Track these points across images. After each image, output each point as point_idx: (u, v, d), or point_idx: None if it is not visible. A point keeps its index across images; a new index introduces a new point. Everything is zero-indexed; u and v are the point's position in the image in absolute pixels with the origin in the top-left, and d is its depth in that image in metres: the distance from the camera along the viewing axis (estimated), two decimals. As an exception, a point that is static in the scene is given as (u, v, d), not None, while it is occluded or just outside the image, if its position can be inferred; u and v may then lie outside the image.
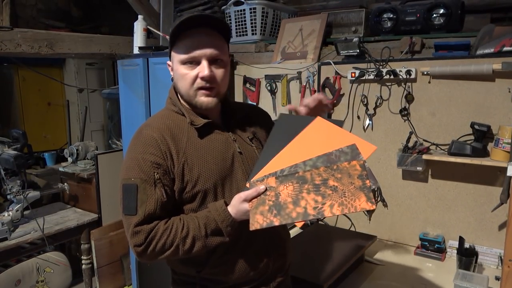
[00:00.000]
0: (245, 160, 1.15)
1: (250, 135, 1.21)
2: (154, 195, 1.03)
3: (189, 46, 1.06)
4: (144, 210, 1.02)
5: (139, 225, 1.02)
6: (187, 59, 1.06)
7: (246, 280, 1.16)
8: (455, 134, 1.83)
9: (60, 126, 4.14)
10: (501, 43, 1.73)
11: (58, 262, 1.78)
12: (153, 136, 1.07)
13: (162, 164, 1.05)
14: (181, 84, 1.10)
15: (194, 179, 1.07)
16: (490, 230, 1.81)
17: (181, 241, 1.04)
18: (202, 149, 1.10)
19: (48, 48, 2.32)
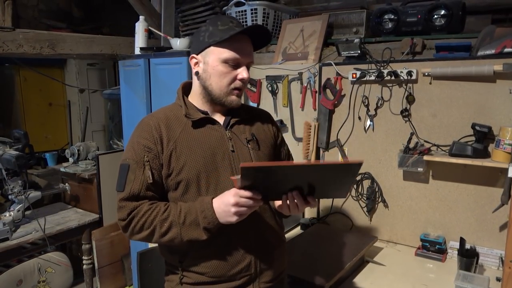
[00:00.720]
0: (236, 159, 1.19)
1: (248, 136, 1.24)
2: (141, 176, 1.11)
3: (238, 49, 1.13)
4: (130, 188, 1.10)
5: (123, 200, 1.11)
6: (232, 60, 1.13)
7: (226, 277, 1.16)
8: (456, 135, 1.83)
9: (61, 127, 4.15)
10: (502, 44, 1.73)
11: (59, 262, 1.79)
12: (149, 123, 1.16)
13: (153, 149, 1.13)
14: (216, 80, 1.16)
15: (179, 167, 1.13)
16: (491, 231, 1.81)
17: (159, 223, 1.09)
18: (193, 141, 1.16)
19: (50, 49, 2.33)
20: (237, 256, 1.16)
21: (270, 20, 2.56)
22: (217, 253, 1.15)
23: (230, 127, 1.22)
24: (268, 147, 1.30)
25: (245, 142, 1.22)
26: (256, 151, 1.24)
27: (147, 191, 1.12)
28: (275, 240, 1.27)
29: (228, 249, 1.16)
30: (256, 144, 1.25)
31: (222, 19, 1.16)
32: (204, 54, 1.16)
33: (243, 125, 1.25)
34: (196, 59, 1.19)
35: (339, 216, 2.22)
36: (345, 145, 2.17)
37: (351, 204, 2.18)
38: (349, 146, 2.15)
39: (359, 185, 2.13)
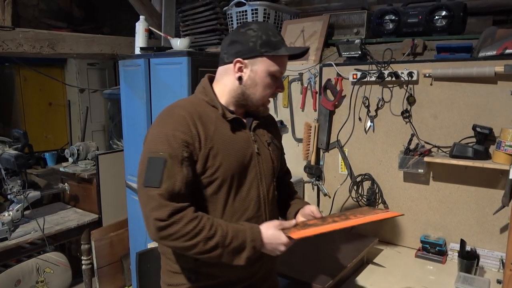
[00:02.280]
0: (261, 162, 1.21)
1: (268, 139, 1.27)
2: (181, 173, 1.05)
3: (284, 64, 1.17)
4: (169, 185, 1.02)
5: (163, 198, 1.02)
6: (278, 73, 1.15)
7: (237, 278, 1.19)
8: (457, 136, 1.83)
9: (61, 126, 4.14)
10: (504, 46, 1.73)
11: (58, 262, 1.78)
12: (185, 117, 1.09)
13: (191, 145, 1.07)
14: (261, 90, 1.16)
15: (215, 166, 1.10)
16: (491, 233, 1.80)
17: (204, 240, 1.03)
18: (227, 141, 1.14)
19: (50, 48, 2.32)
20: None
21: (270, 20, 2.55)
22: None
23: (254, 129, 1.23)
24: (279, 149, 1.34)
25: (266, 144, 1.25)
26: (275, 153, 1.27)
27: (186, 188, 1.06)
28: None
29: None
30: (274, 146, 1.28)
31: (271, 28, 1.16)
32: (253, 61, 1.13)
33: (262, 128, 1.27)
34: (242, 64, 1.14)
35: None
36: (345, 146, 2.16)
37: (351, 205, 2.17)
38: (350, 147, 2.15)
39: (359, 186, 2.13)
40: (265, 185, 1.21)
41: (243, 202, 1.16)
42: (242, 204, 1.16)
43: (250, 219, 1.16)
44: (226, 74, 1.17)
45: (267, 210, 1.21)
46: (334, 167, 2.21)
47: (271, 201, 1.24)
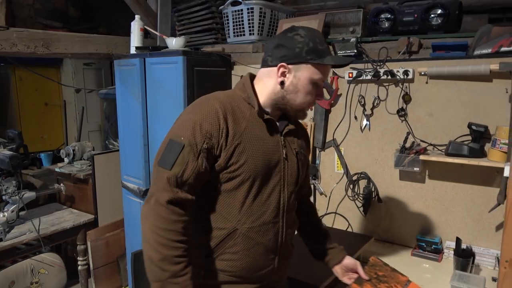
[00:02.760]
0: (287, 168, 1.18)
1: (297, 148, 1.24)
2: (195, 163, 1.05)
3: (326, 73, 1.15)
4: (178, 171, 1.04)
5: (168, 183, 1.03)
6: (320, 81, 1.14)
7: (249, 279, 1.17)
8: (453, 134, 1.83)
9: (57, 127, 4.13)
10: (499, 44, 1.73)
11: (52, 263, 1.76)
12: (217, 109, 1.08)
13: (215, 138, 1.06)
14: (302, 97, 1.14)
15: (240, 164, 1.09)
16: (487, 231, 1.80)
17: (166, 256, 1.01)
18: (257, 140, 1.12)
19: (44, 48, 2.31)
20: (264, 263, 1.17)
21: (266, 19, 2.55)
22: (248, 258, 1.14)
23: (285, 135, 1.20)
24: (306, 160, 1.31)
25: (294, 152, 1.22)
26: (302, 163, 1.24)
27: (195, 179, 1.06)
28: (292, 247, 1.30)
29: (259, 255, 1.15)
30: (302, 157, 1.25)
31: (319, 36, 1.14)
32: (297, 67, 1.12)
33: (293, 136, 1.24)
34: (286, 69, 1.12)
35: (335, 216, 2.21)
36: (341, 145, 2.16)
37: (348, 204, 2.17)
38: (346, 145, 2.14)
39: (355, 185, 2.12)
40: (287, 192, 1.18)
41: (262, 204, 1.14)
42: (260, 207, 1.13)
43: (266, 223, 1.14)
44: (268, 77, 1.16)
45: (285, 218, 1.19)
46: (330, 166, 2.21)
47: (291, 209, 1.21)
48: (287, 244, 1.22)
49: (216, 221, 1.13)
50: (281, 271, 1.25)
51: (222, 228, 1.13)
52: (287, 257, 1.26)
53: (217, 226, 1.13)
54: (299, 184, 1.25)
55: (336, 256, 1.37)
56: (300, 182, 1.26)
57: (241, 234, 1.12)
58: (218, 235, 1.13)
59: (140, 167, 2.46)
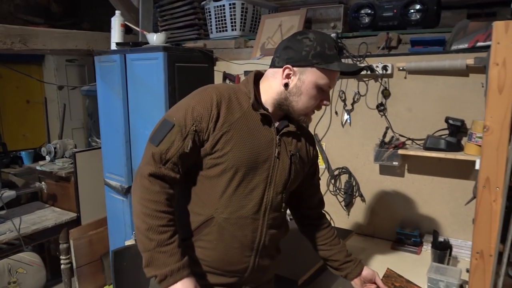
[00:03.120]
0: (277, 167, 1.18)
1: (293, 151, 1.22)
2: (180, 143, 1.08)
3: (333, 78, 1.14)
4: (163, 149, 1.07)
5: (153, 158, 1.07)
6: (325, 86, 1.14)
7: (220, 271, 1.16)
8: (431, 129, 1.85)
9: (40, 124, 4.07)
10: (475, 39, 1.75)
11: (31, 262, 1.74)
12: (213, 96, 1.11)
13: (204, 122, 1.09)
14: (305, 100, 1.14)
15: (224, 151, 1.10)
16: (465, 224, 1.83)
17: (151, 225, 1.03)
18: (247, 132, 1.13)
19: (22, 44, 2.27)
20: (239, 258, 1.16)
21: (248, 15, 2.54)
22: (222, 249, 1.14)
23: (281, 134, 1.19)
24: (303, 167, 1.28)
25: (289, 154, 1.20)
26: (295, 167, 1.22)
27: (179, 158, 1.09)
28: (276, 252, 1.29)
29: (233, 249, 1.15)
30: (298, 160, 1.23)
31: (328, 41, 1.13)
32: (302, 70, 1.12)
33: (292, 138, 1.23)
34: (291, 71, 1.12)
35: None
36: (322, 140, 2.17)
37: (329, 199, 2.18)
38: (327, 141, 2.15)
39: (336, 179, 2.14)
40: (273, 191, 1.17)
41: (243, 198, 1.13)
42: (241, 200, 1.13)
43: (244, 217, 1.14)
44: (273, 77, 1.16)
45: (267, 217, 1.17)
46: (312, 161, 2.22)
47: (276, 210, 1.19)
48: (267, 246, 1.20)
49: (196, 205, 1.15)
50: (259, 273, 1.22)
51: (200, 214, 1.14)
52: (268, 260, 1.23)
53: (196, 211, 1.15)
54: (288, 187, 1.22)
55: (354, 269, 1.39)
56: (290, 187, 1.23)
57: (217, 223, 1.13)
58: (196, 221, 1.15)
59: (122, 164, 2.44)
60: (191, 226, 1.15)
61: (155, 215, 1.04)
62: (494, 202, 1.16)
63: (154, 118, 2.23)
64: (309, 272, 1.53)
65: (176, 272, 1.02)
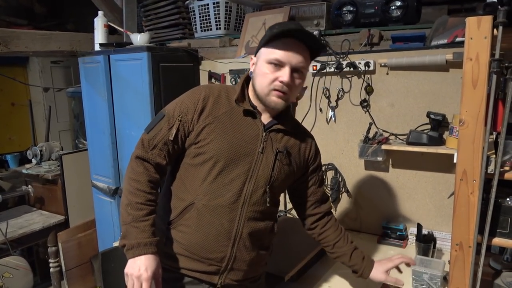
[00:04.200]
0: (260, 162, 1.20)
1: (281, 148, 1.23)
2: (166, 131, 1.19)
3: (281, 49, 1.14)
4: (151, 135, 1.20)
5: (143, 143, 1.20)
6: (274, 60, 1.15)
7: (198, 256, 1.20)
8: (413, 123, 1.88)
9: (26, 127, 4.01)
10: (454, 34, 1.78)
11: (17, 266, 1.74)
12: (201, 92, 1.22)
13: (190, 113, 1.19)
14: (260, 80, 1.18)
15: (206, 142, 1.18)
16: (448, 216, 1.86)
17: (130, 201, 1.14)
18: (230, 126, 1.19)
19: (3, 46, 2.24)
20: (215, 246, 1.20)
21: (233, 13, 2.54)
22: (199, 234, 1.19)
23: (269, 131, 1.22)
24: (293, 166, 1.28)
25: (275, 151, 1.22)
26: (281, 164, 1.23)
27: (164, 145, 1.19)
28: (260, 248, 1.28)
29: (210, 236, 1.19)
30: (285, 158, 1.24)
31: (282, 23, 1.22)
32: (258, 55, 1.20)
33: (282, 136, 1.25)
34: (253, 60, 1.24)
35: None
36: (308, 137, 2.18)
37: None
38: (313, 138, 2.17)
39: (323, 175, 2.15)
40: (252, 185, 1.19)
41: (222, 187, 1.18)
42: (220, 188, 1.18)
43: (222, 206, 1.18)
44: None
45: (245, 210, 1.19)
46: (298, 158, 2.23)
47: (254, 204, 1.21)
48: (246, 238, 1.21)
49: (180, 191, 1.23)
50: (239, 266, 1.23)
51: (183, 200, 1.21)
52: (247, 253, 1.23)
53: (180, 196, 1.22)
54: (273, 184, 1.23)
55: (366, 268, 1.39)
56: (277, 183, 1.24)
57: (196, 209, 1.19)
58: (179, 206, 1.21)
59: (109, 165, 2.44)
60: (174, 211, 1.23)
61: (135, 193, 1.15)
62: (471, 195, 1.18)
63: (140, 118, 2.24)
64: (296, 267, 1.55)
65: (143, 246, 1.09)
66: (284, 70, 1.14)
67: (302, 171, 1.35)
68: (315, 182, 1.40)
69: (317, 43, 1.20)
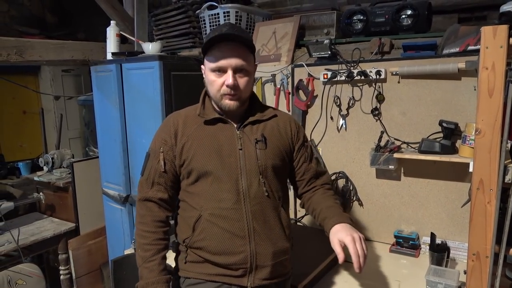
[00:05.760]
0: (243, 157, 1.28)
1: (259, 137, 1.31)
2: (156, 165, 1.30)
3: (218, 56, 1.22)
4: (146, 175, 1.33)
5: (141, 183, 1.33)
6: (215, 68, 1.23)
7: (223, 265, 1.25)
8: (425, 132, 1.87)
9: (37, 135, 4.06)
10: (466, 42, 1.78)
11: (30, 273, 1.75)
12: (170, 120, 1.34)
13: (168, 141, 1.30)
14: (210, 88, 1.28)
15: (190, 158, 1.27)
16: (462, 226, 1.84)
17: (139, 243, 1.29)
18: (205, 137, 1.28)
19: (18, 56, 2.28)
20: (233, 249, 1.24)
21: (243, 23, 2.56)
22: (215, 243, 1.25)
23: (242, 127, 1.31)
24: (278, 148, 1.34)
25: (253, 142, 1.29)
26: (263, 150, 1.30)
27: (159, 178, 1.30)
28: (280, 238, 1.32)
29: (225, 241, 1.24)
30: (264, 144, 1.30)
31: (215, 29, 1.26)
32: (204, 65, 1.30)
33: (257, 126, 1.33)
34: (203, 70, 1.32)
35: (315, 216, 2.23)
36: (319, 145, 2.18)
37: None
38: (323, 146, 2.17)
39: (334, 184, 2.15)
40: (246, 180, 1.26)
41: (219, 192, 1.25)
42: (219, 194, 1.25)
43: (226, 209, 1.24)
44: None
45: (248, 205, 1.25)
46: (309, 167, 2.23)
47: (254, 196, 1.26)
48: (260, 232, 1.25)
49: (187, 212, 1.31)
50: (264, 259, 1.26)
51: (191, 217, 1.28)
52: (269, 246, 1.27)
53: (188, 215, 1.30)
54: (265, 171, 1.28)
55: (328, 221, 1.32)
56: (269, 169, 1.29)
57: (205, 220, 1.25)
58: (190, 223, 1.28)
59: (120, 173, 2.45)
60: (188, 229, 1.30)
61: (142, 235, 1.28)
62: (488, 204, 1.17)
63: (151, 126, 2.25)
64: (308, 276, 1.54)
65: (151, 285, 1.23)
66: (227, 74, 1.22)
67: (290, 150, 1.40)
68: (306, 159, 1.43)
69: (247, 40, 1.25)
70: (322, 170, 1.49)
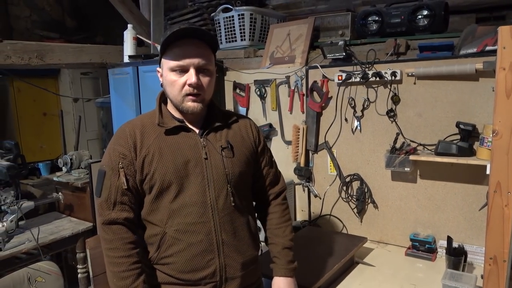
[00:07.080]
0: (209, 166, 1.20)
1: (224, 144, 1.23)
2: (117, 183, 1.15)
3: (179, 54, 1.13)
4: (105, 196, 1.16)
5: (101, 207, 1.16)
6: (176, 67, 1.14)
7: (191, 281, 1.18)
8: (442, 134, 1.84)
9: (56, 136, 4.16)
10: (484, 43, 1.75)
11: (49, 271, 1.79)
12: (125, 130, 1.19)
13: (127, 155, 1.16)
14: (170, 89, 1.18)
15: (152, 172, 1.16)
16: (479, 229, 1.81)
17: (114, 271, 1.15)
18: (166, 147, 1.17)
19: (38, 59, 2.35)
20: (202, 264, 1.18)
21: (257, 25, 2.58)
22: (183, 259, 1.17)
23: (205, 135, 1.23)
24: (244, 154, 1.28)
25: (219, 149, 1.22)
26: (230, 158, 1.23)
27: (122, 196, 1.16)
28: (246, 252, 1.27)
29: (195, 257, 1.17)
30: (230, 151, 1.24)
31: (173, 26, 1.14)
32: (162, 66, 1.20)
33: (220, 132, 1.25)
34: (160, 72, 1.22)
35: (330, 218, 2.22)
36: (333, 147, 2.17)
37: (342, 205, 2.18)
38: (338, 148, 2.16)
39: (348, 186, 2.14)
40: (213, 191, 1.19)
41: (185, 206, 1.17)
42: (184, 208, 1.16)
43: (193, 223, 1.17)
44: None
45: (217, 217, 1.19)
46: (323, 168, 2.22)
47: (223, 207, 1.20)
48: (230, 243, 1.21)
49: (151, 228, 1.20)
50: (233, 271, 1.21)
51: (156, 234, 1.19)
52: (238, 256, 1.23)
53: (152, 233, 1.20)
54: (232, 179, 1.22)
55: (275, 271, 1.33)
56: (236, 177, 1.23)
57: (171, 237, 1.17)
58: (155, 241, 1.19)
59: (136, 174, 2.49)
60: (153, 248, 1.20)
61: (115, 262, 1.13)
62: (506, 207, 1.15)
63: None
64: (322, 278, 1.54)
65: None
66: (189, 73, 1.14)
67: (255, 155, 1.33)
68: (267, 163, 1.38)
69: (208, 36, 1.16)
70: (278, 175, 1.43)
